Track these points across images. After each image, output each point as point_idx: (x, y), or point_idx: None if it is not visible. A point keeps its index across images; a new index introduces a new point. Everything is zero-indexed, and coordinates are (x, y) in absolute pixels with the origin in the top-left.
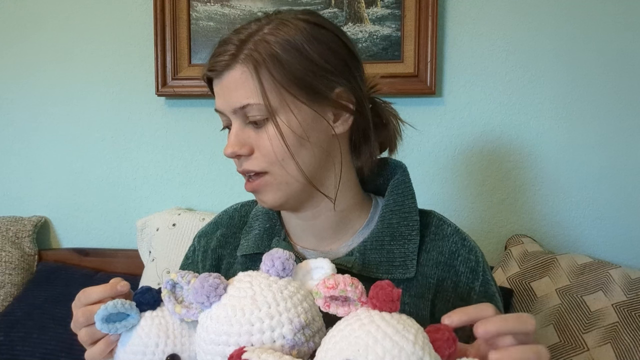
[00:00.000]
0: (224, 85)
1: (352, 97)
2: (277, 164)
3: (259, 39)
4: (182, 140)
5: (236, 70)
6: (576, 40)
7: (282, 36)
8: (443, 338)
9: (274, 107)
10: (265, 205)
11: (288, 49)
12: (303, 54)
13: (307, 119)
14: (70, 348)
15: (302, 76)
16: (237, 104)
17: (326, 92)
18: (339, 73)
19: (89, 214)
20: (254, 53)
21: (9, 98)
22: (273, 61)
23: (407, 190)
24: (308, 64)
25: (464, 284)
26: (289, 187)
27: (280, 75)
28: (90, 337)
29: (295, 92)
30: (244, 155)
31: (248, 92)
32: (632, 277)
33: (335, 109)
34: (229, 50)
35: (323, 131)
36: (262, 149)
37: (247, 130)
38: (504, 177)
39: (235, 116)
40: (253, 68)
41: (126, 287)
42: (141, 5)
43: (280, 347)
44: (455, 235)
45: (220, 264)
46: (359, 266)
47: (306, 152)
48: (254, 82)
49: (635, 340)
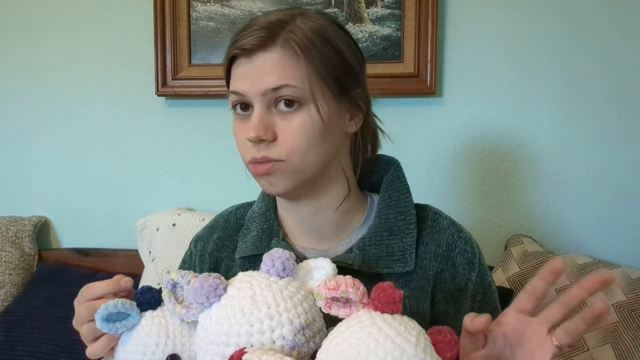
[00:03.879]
0: (257, 65)
1: (365, 99)
2: (298, 154)
3: (296, 27)
4: (182, 140)
5: (273, 53)
6: (576, 40)
7: (317, 28)
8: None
9: (308, 95)
10: (272, 190)
11: (324, 41)
12: (336, 49)
13: (332, 114)
14: (70, 348)
15: (335, 70)
16: (271, 85)
17: (350, 90)
18: (359, 73)
19: (89, 214)
20: (295, 38)
21: (9, 98)
22: (312, 50)
23: (402, 185)
24: (340, 59)
25: (461, 275)
26: (302, 175)
27: (317, 65)
28: (92, 333)
29: (328, 83)
30: (266, 141)
31: (285, 74)
32: (632, 277)
33: (352, 108)
34: (262, 33)
35: (340, 128)
36: (287, 137)
37: (271, 116)
38: (504, 177)
39: (262, 99)
40: (293, 52)
41: (129, 283)
42: (141, 5)
43: (281, 347)
44: (451, 227)
45: (219, 267)
46: (359, 262)
47: (325, 146)
48: (293, 66)
49: (635, 340)
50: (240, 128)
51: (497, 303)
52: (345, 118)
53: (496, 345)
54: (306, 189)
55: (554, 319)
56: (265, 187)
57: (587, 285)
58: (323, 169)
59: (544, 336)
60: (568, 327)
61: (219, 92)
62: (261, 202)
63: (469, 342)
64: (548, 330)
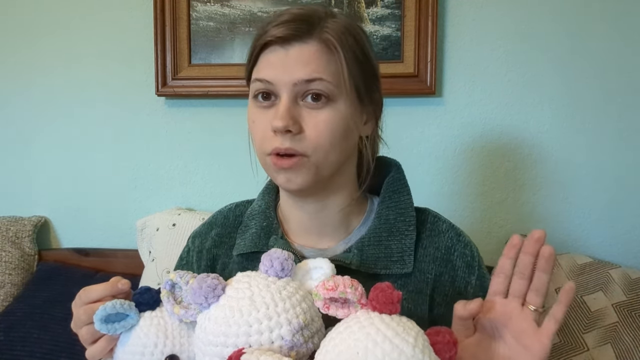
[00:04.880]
0: (292, 56)
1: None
2: (322, 149)
3: (331, 23)
4: (182, 140)
5: (310, 45)
6: (576, 40)
7: (349, 29)
8: (443, 341)
9: (338, 91)
10: (289, 186)
11: (356, 42)
12: (365, 52)
13: (355, 114)
14: (70, 348)
15: (363, 72)
16: (304, 77)
17: (372, 93)
18: (378, 79)
19: (89, 214)
20: (331, 33)
21: (9, 98)
22: (347, 48)
23: (403, 187)
24: (368, 62)
25: (460, 278)
26: (321, 173)
27: (351, 64)
28: (91, 336)
29: (356, 83)
30: (292, 133)
31: (320, 68)
32: (632, 277)
33: (369, 111)
34: (299, 24)
35: (357, 129)
36: (313, 131)
37: (297, 108)
38: (504, 177)
39: (291, 89)
40: (330, 47)
41: (127, 286)
42: (141, 5)
43: (279, 348)
44: (450, 231)
45: (215, 263)
46: (357, 262)
47: (345, 145)
48: (328, 60)
49: (635, 340)
50: (261, 117)
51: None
52: (362, 120)
53: (485, 329)
54: (319, 187)
55: (521, 292)
56: (282, 181)
57: (528, 249)
58: (339, 169)
59: (519, 310)
60: (534, 287)
61: (219, 92)
62: (261, 199)
63: (462, 328)
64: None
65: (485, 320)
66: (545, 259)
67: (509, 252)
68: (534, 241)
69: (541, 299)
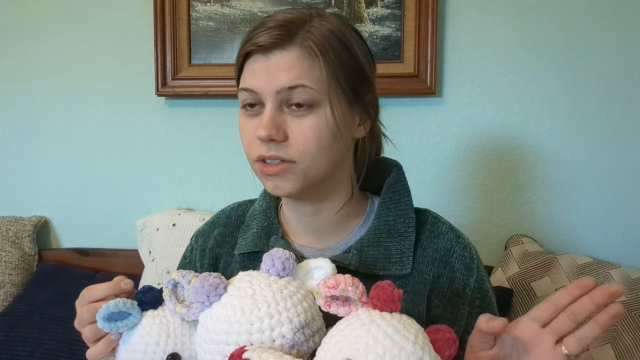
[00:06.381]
0: (273, 63)
1: (375, 105)
2: (309, 156)
3: (314, 27)
4: (182, 140)
5: (291, 52)
6: (576, 40)
7: (335, 31)
8: (443, 339)
9: (322, 97)
10: (279, 192)
11: (342, 45)
12: (352, 54)
13: (344, 117)
14: (70, 348)
15: (350, 75)
16: (287, 84)
17: (362, 95)
18: (371, 79)
19: (89, 214)
20: (313, 38)
21: (9, 98)
22: (330, 52)
23: (403, 188)
24: (355, 64)
25: (459, 280)
26: (310, 178)
27: (334, 68)
28: (94, 335)
29: (343, 87)
30: (277, 141)
31: (302, 74)
32: (632, 277)
33: (362, 113)
34: (280, 31)
35: (349, 132)
36: (299, 138)
37: (282, 115)
38: (504, 177)
39: (275, 97)
40: (312, 53)
41: (130, 285)
42: (141, 5)
43: (280, 346)
44: (450, 232)
45: (218, 262)
46: (356, 263)
47: (334, 150)
48: (310, 67)
49: (635, 340)
50: (248, 125)
51: (495, 309)
52: (354, 123)
53: (504, 347)
54: (311, 191)
55: (563, 331)
56: (270, 188)
57: (596, 298)
58: (330, 173)
59: (551, 347)
60: (580, 335)
61: (218, 92)
62: (262, 200)
63: (480, 341)
64: (556, 341)
65: (509, 338)
66: (609, 315)
67: (574, 291)
68: (608, 294)
69: (581, 349)
